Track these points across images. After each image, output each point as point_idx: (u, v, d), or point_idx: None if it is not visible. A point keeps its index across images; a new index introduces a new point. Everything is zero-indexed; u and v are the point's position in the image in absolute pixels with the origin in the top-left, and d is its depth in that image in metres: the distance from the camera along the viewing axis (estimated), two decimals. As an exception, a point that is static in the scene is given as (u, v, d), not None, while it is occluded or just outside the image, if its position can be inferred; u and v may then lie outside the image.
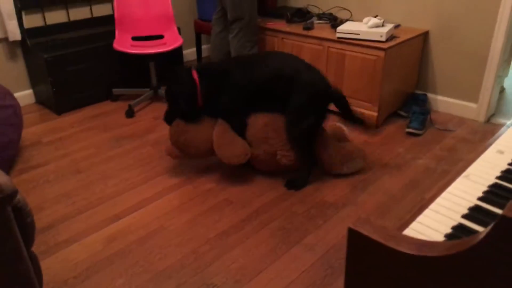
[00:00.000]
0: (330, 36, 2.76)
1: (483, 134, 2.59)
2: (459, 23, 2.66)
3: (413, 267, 0.54)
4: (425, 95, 2.90)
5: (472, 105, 2.76)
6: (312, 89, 2.04)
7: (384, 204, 1.99)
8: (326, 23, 3.07)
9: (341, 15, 3.18)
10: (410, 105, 2.85)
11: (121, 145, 2.60)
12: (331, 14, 3.13)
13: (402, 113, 2.86)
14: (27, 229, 1.29)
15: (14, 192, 1.11)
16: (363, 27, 2.62)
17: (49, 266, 1.69)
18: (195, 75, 2.13)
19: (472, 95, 2.75)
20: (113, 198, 2.10)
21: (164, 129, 2.74)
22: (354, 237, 0.59)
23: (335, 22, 3.01)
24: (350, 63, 2.69)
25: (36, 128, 2.84)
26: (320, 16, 3.13)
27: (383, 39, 2.53)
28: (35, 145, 2.62)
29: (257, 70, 2.09)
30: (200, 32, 3.62)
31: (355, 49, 2.64)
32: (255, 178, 2.22)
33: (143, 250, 1.76)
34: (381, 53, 2.52)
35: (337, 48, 2.72)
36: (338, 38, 2.68)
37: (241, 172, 2.26)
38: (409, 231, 0.70)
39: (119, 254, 1.74)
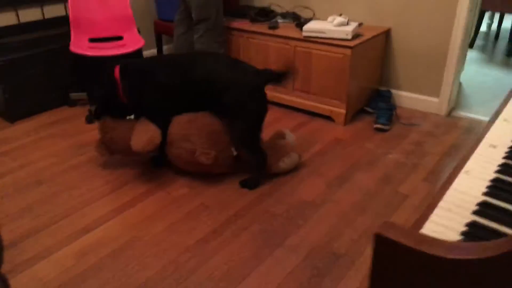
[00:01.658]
0: (296, 35, 2.75)
1: (446, 128, 2.68)
2: (419, 20, 2.74)
3: (445, 270, 0.52)
4: (389, 91, 2.97)
5: (434, 99, 2.86)
6: (239, 88, 1.98)
7: (361, 201, 2.01)
8: (290, 22, 3.07)
9: (304, 14, 3.19)
10: (375, 101, 2.90)
11: (83, 152, 2.47)
12: (294, 13, 3.13)
13: (368, 109, 2.91)
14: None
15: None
16: (329, 25, 2.63)
17: (17, 286, 1.56)
18: (117, 72, 2.10)
19: (433, 90, 2.85)
20: (80, 209, 1.98)
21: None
22: (381, 243, 0.56)
23: (299, 21, 3.01)
24: (317, 62, 2.70)
25: (-12, 138, 2.64)
26: (284, 15, 3.12)
27: (349, 37, 2.56)
28: (-12, 156, 2.43)
29: (180, 71, 2.05)
30: (160, 33, 3.52)
31: (321, 48, 2.65)
32: (229, 181, 2.17)
33: (119, 263, 1.66)
34: (348, 51, 2.54)
35: (304, 47, 2.73)
36: (305, 37, 2.68)
37: (215, 176, 2.20)
38: (425, 231, 0.69)
39: (93, 269, 1.64)
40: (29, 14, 3.07)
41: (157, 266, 1.65)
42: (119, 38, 3.10)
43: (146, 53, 3.69)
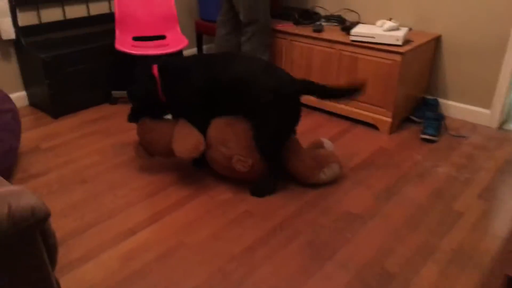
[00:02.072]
0: (342, 38, 2.68)
1: (498, 141, 2.56)
2: (473, 28, 2.62)
3: None
4: (436, 100, 2.85)
5: (485, 111, 2.73)
6: (270, 94, 1.91)
7: (413, 216, 1.92)
8: (335, 25, 2.99)
9: (349, 17, 3.11)
10: (422, 110, 2.80)
11: (126, 152, 2.46)
12: (339, 16, 3.05)
13: (414, 118, 2.80)
14: (50, 252, 1.16)
15: (47, 215, 0.98)
16: (378, 30, 2.55)
17: (65, 287, 1.56)
18: (155, 71, 2.08)
19: (484, 101, 2.72)
20: (125, 210, 1.97)
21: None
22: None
23: (344, 24, 2.94)
24: (363, 67, 2.62)
25: (33, 133, 2.66)
26: (328, 18, 3.05)
27: (400, 43, 2.47)
28: (34, 151, 2.45)
29: (215, 72, 2.01)
30: (201, 33, 3.50)
31: (369, 53, 2.57)
32: (274, 190, 2.12)
33: (165, 270, 1.63)
34: (398, 57, 2.45)
35: (350, 52, 2.65)
36: (352, 41, 2.60)
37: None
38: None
39: (138, 273, 1.62)
40: (75, 11, 3.10)
41: (203, 274, 1.61)
42: (162, 37, 3.10)
43: (186, 53, 3.68)
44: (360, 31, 2.57)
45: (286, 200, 2.04)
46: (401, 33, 2.49)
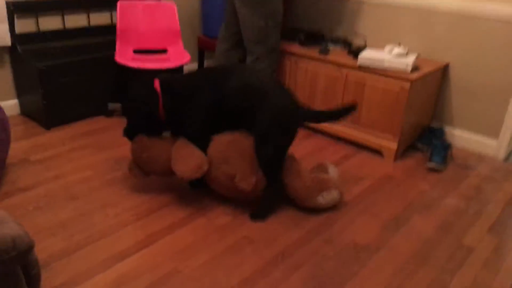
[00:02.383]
0: (348, 62, 2.62)
1: (505, 173, 2.49)
2: (482, 57, 2.58)
3: None
4: (442, 128, 2.79)
5: (492, 141, 2.67)
6: (281, 111, 1.88)
7: (421, 250, 1.82)
8: (341, 48, 2.94)
9: (355, 41, 3.06)
10: (427, 138, 2.73)
11: (119, 168, 2.34)
12: (345, 39, 3.00)
13: (420, 145, 2.73)
14: (33, 283, 1.04)
15: (30, 247, 0.86)
16: (387, 55, 2.50)
17: (45, 316, 1.42)
18: (157, 85, 1.97)
19: (492, 130, 2.66)
20: (116, 231, 1.85)
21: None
22: None
23: (350, 48, 2.89)
24: (370, 92, 2.55)
25: (23, 143, 2.54)
26: (334, 41, 3.00)
27: (409, 69, 2.41)
28: (22, 163, 2.33)
29: (228, 87, 1.92)
30: (203, 49, 3.43)
31: (377, 78, 2.50)
32: (274, 212, 2.02)
33: (157, 299, 1.51)
34: (407, 84, 2.39)
35: (357, 76, 2.59)
36: (360, 65, 2.54)
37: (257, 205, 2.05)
38: None
39: (128, 302, 1.49)
40: (75, 20, 3.01)
41: (199, 306, 1.49)
42: (164, 51, 3.02)
43: (187, 68, 3.60)
44: (368, 55, 2.51)
45: (288, 227, 1.93)
46: (411, 59, 2.44)
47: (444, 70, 2.75)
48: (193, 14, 3.71)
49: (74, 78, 2.77)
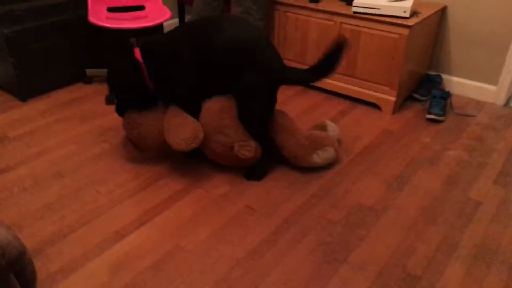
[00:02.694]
0: (342, 10, 2.44)
1: (506, 120, 2.42)
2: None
3: None
4: (440, 76, 2.68)
5: (491, 87, 2.58)
6: (270, 70, 1.77)
7: (429, 207, 1.77)
8: (332, -6, 2.74)
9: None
10: (425, 87, 2.63)
11: (106, 139, 2.21)
12: (336, -16, 2.80)
13: (418, 96, 2.63)
14: (28, 285, 0.94)
15: (21, 254, 0.76)
16: (381, 0, 2.33)
17: (45, 308, 1.34)
18: (138, 54, 1.82)
19: (491, 77, 2.56)
20: (110, 209, 1.74)
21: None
22: None
23: (342, -6, 2.70)
24: (366, 42, 2.41)
25: (-2, 119, 2.37)
26: (325, -13, 2.79)
27: (407, 15, 2.25)
28: (1, 141, 2.17)
29: (214, 43, 1.75)
30: (183, 3, 3.18)
31: (373, 26, 2.35)
32: (273, 177, 1.93)
33: (162, 280, 1.44)
34: (405, 31, 2.25)
35: (352, 24, 2.42)
36: (354, 12, 2.37)
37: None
38: None
39: (132, 286, 1.41)
40: (40, -22, 2.73)
41: (206, 284, 1.42)
42: (141, 7, 2.78)
43: (167, 25, 3.37)
44: (364, 1, 2.34)
45: (290, 192, 1.85)
46: (409, 4, 2.28)
47: (442, 14, 2.59)
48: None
49: (47, 43, 2.55)
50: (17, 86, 2.51)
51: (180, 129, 1.76)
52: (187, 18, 3.42)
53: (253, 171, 1.93)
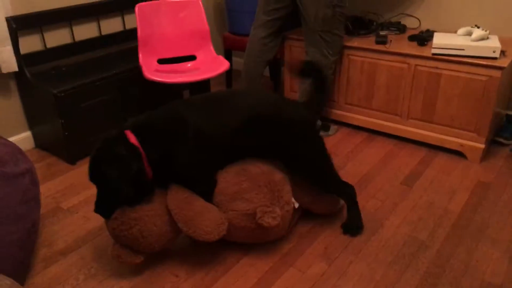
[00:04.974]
0: (416, 51, 2.24)
1: None
2: None
3: None
4: (521, 116, 2.45)
5: None
6: (305, 125, 1.67)
7: None
8: (396, 33, 2.55)
9: (407, 24, 2.67)
10: (509, 130, 2.38)
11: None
12: (399, 23, 2.61)
13: (502, 140, 2.38)
14: None
15: None
16: (465, 40, 2.12)
17: None
18: (131, 136, 1.48)
19: None
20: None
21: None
22: None
23: (404, 32, 2.52)
24: (447, 85, 2.18)
25: (48, 186, 2.15)
26: (387, 26, 2.61)
27: (497, 55, 2.04)
28: (54, 213, 1.95)
29: (224, 112, 1.57)
30: (230, 49, 3.02)
31: (456, 68, 2.13)
32: (372, 252, 1.67)
33: None
34: (497, 73, 2.02)
35: (429, 67, 2.21)
36: (433, 54, 2.17)
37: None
38: None
39: None
40: (84, 31, 2.59)
41: None
42: (192, 58, 2.61)
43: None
44: (444, 42, 2.13)
45: (399, 269, 1.58)
46: (497, 43, 2.07)
47: (523, 50, 2.38)
48: (217, 9, 3.30)
49: (95, 101, 2.36)
50: (66, 148, 2.32)
51: (205, 216, 1.50)
52: (235, 62, 3.25)
53: (350, 222, 1.76)
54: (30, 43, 2.36)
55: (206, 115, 1.55)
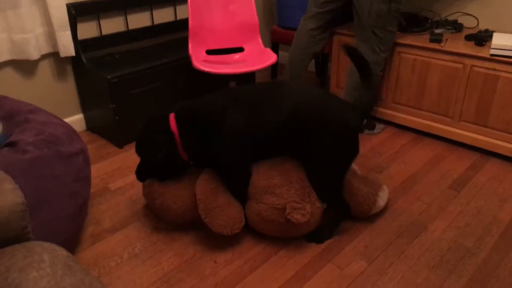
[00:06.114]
0: (472, 51, 2.15)
1: None
2: None
3: None
4: None
5: None
6: (344, 128, 1.56)
7: None
8: (452, 32, 2.46)
9: (464, 23, 2.56)
10: None
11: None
12: (455, 21, 2.51)
13: (561, 149, 2.25)
14: None
15: None
16: (527, 41, 2.01)
17: None
18: (172, 122, 1.61)
19: None
20: (233, 286, 1.52)
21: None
22: None
23: (460, 30, 2.42)
24: (505, 88, 2.08)
25: (98, 167, 2.25)
26: (442, 24, 2.52)
27: (562, 58, 1.93)
28: (102, 193, 2.03)
29: (266, 109, 1.55)
30: (277, 42, 3.02)
31: (515, 70, 2.03)
32: (409, 254, 1.63)
33: None
34: (561, 77, 1.91)
35: (486, 68, 2.12)
36: (492, 55, 2.07)
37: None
38: None
39: None
40: (138, 20, 2.67)
41: None
42: (240, 49, 2.63)
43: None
44: (504, 43, 2.03)
45: (442, 274, 1.53)
46: None
47: None
48: (266, 2, 3.31)
49: (145, 88, 2.43)
50: (116, 132, 2.41)
51: (224, 211, 1.57)
52: (281, 54, 3.25)
53: (317, 233, 1.70)
54: (87, 30, 2.47)
55: (246, 110, 1.56)
